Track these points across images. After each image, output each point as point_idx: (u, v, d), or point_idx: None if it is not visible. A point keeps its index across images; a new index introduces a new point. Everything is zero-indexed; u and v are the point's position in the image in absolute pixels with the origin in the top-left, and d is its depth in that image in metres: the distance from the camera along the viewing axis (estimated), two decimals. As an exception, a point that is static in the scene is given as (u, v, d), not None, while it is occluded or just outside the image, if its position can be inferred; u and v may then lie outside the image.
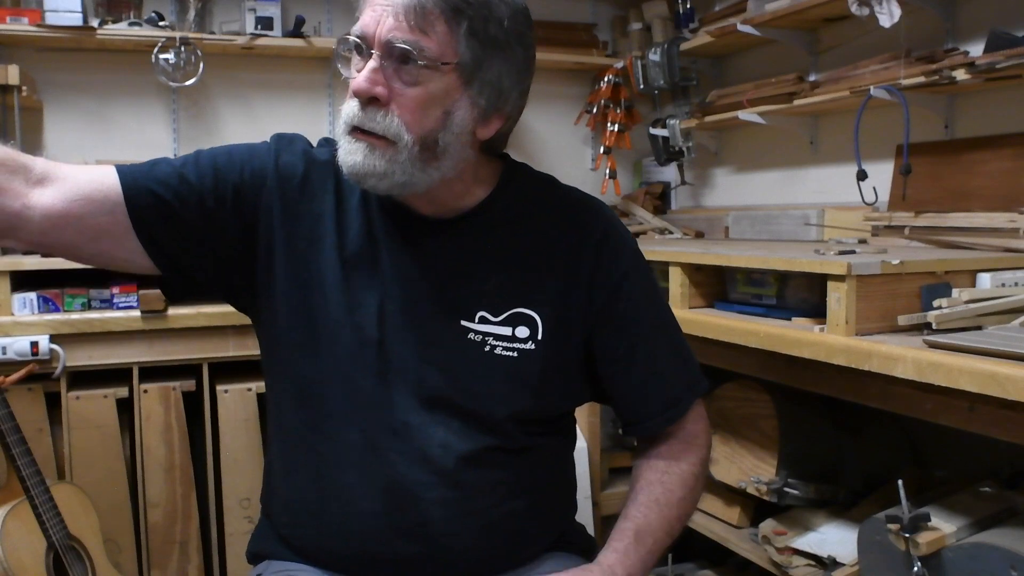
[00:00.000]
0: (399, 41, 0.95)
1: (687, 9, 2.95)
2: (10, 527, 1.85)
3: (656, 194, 3.24)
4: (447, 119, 1.00)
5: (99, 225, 1.02)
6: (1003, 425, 1.21)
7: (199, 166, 1.07)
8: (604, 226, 1.13)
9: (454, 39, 0.97)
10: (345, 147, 1.00)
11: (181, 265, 1.08)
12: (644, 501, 1.15)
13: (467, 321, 1.08)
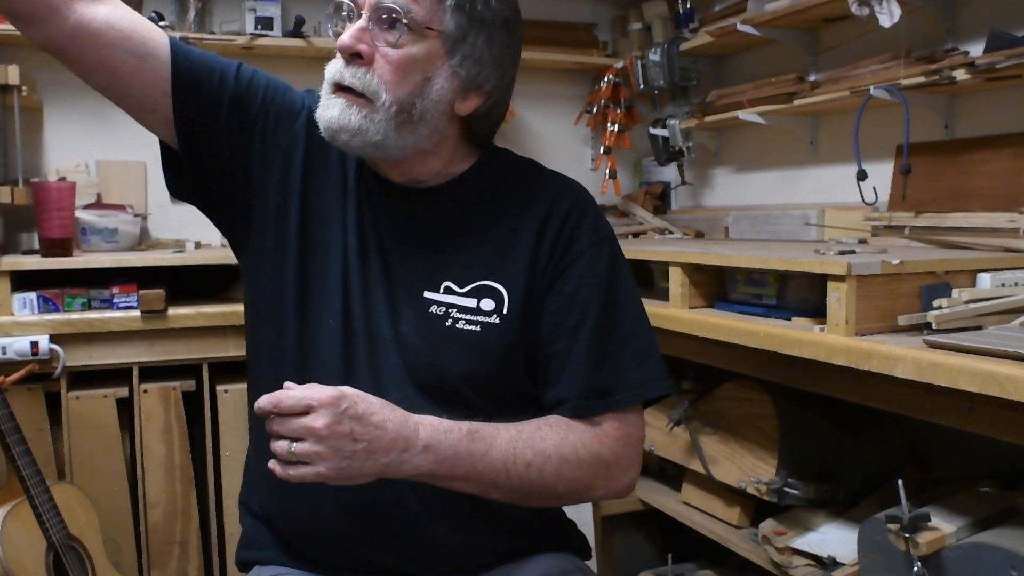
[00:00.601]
0: (388, 2, 0.98)
1: (687, 9, 2.95)
2: (10, 527, 1.85)
3: (656, 194, 3.24)
4: (426, 85, 1.01)
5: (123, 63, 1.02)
6: (1003, 425, 1.21)
7: (254, 74, 1.12)
8: (572, 206, 1.12)
9: (441, 8, 1.00)
10: (323, 102, 1.03)
11: (193, 138, 1.06)
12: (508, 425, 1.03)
13: (431, 292, 1.07)
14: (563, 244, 1.09)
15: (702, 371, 2.21)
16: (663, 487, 2.40)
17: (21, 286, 2.20)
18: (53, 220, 2.25)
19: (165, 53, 1.03)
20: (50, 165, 2.73)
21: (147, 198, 2.82)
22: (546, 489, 1.03)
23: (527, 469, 1.00)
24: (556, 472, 1.02)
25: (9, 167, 2.52)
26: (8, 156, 2.51)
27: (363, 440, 0.90)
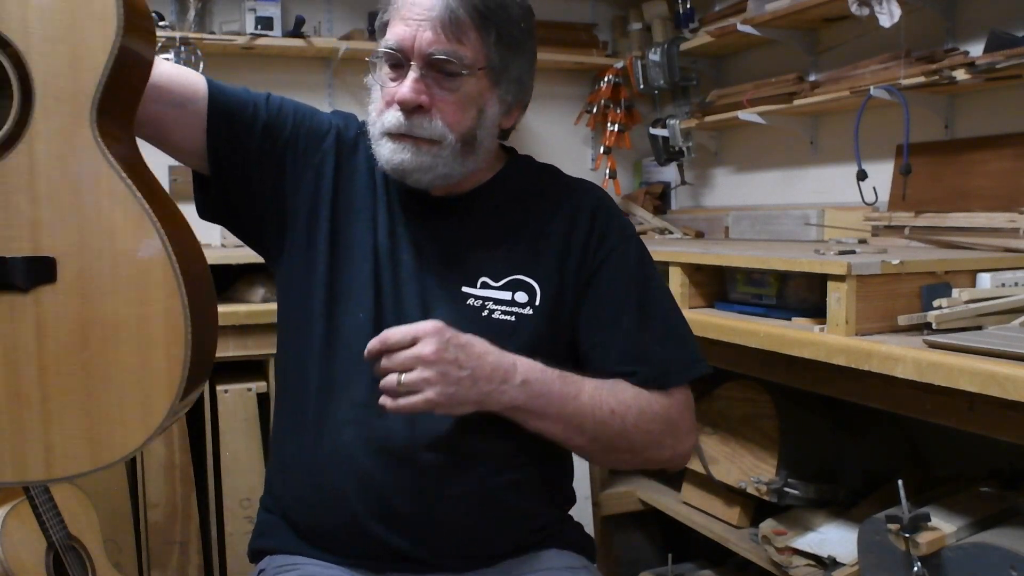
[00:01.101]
0: (440, 53, 1.04)
1: (687, 9, 2.95)
2: (10, 527, 1.85)
3: (656, 194, 3.24)
4: (481, 116, 1.09)
5: (165, 115, 1.07)
6: (1003, 425, 1.21)
7: (282, 102, 1.16)
8: (597, 204, 1.19)
9: (484, 45, 1.06)
10: (389, 147, 1.08)
11: (226, 166, 1.12)
12: (594, 379, 1.09)
13: (468, 287, 1.13)
14: (594, 244, 1.16)
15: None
16: (663, 487, 2.40)
17: (21, 286, 2.20)
18: (53, 220, 2.24)
19: (203, 94, 1.10)
20: (50, 165, 2.73)
21: (147, 198, 2.81)
22: (625, 439, 1.07)
23: (611, 416, 1.06)
24: (636, 422, 1.07)
25: (9, 167, 2.52)
26: (8, 156, 2.51)
27: (467, 367, 0.96)
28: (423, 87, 1.05)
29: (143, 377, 0.83)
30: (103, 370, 0.83)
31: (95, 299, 0.81)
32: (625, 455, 1.11)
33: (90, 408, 0.83)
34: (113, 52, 0.80)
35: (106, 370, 0.83)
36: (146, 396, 0.84)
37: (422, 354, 0.95)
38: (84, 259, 0.81)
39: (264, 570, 1.17)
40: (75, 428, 0.83)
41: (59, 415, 0.83)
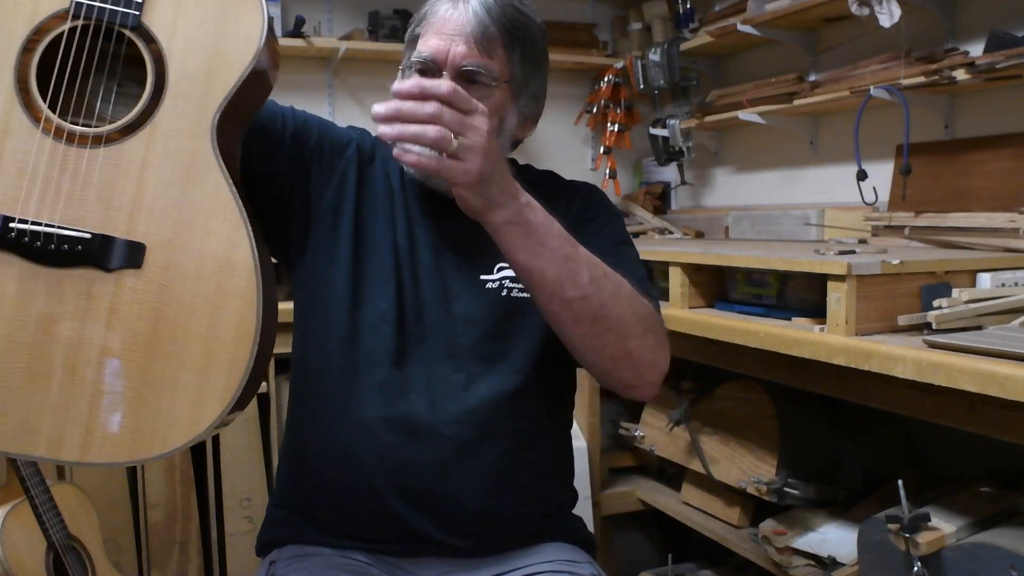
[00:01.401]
0: (471, 65, 1.12)
1: (687, 9, 2.95)
2: (10, 527, 1.85)
3: (656, 194, 3.24)
4: (501, 125, 1.17)
5: None
6: (1003, 425, 1.21)
7: (306, 115, 1.23)
8: (589, 191, 1.31)
9: (510, 61, 1.15)
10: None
11: (253, 175, 1.14)
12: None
13: (485, 275, 1.19)
14: (578, 210, 1.24)
15: (702, 371, 2.21)
16: (663, 487, 2.40)
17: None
18: (53, 220, 2.24)
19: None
20: (50, 165, 2.73)
21: (147, 198, 2.81)
22: (616, 309, 1.03)
23: (606, 278, 1.02)
24: (629, 299, 1.05)
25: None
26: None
27: (500, 165, 0.94)
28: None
29: (202, 380, 0.83)
30: (163, 365, 0.83)
31: (173, 294, 0.82)
32: (612, 333, 1.03)
33: (141, 400, 0.83)
34: (247, 70, 0.85)
35: (166, 366, 0.83)
36: (199, 400, 0.84)
37: (481, 128, 0.90)
38: (173, 253, 0.83)
39: (275, 561, 1.19)
40: (121, 417, 0.83)
41: (108, 401, 0.82)
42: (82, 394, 0.82)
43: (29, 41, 0.84)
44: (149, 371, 0.83)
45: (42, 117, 0.83)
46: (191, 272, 0.83)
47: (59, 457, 0.83)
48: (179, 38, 0.85)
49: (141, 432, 0.83)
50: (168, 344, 0.83)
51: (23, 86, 0.84)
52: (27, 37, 0.83)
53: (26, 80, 0.84)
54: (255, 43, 0.85)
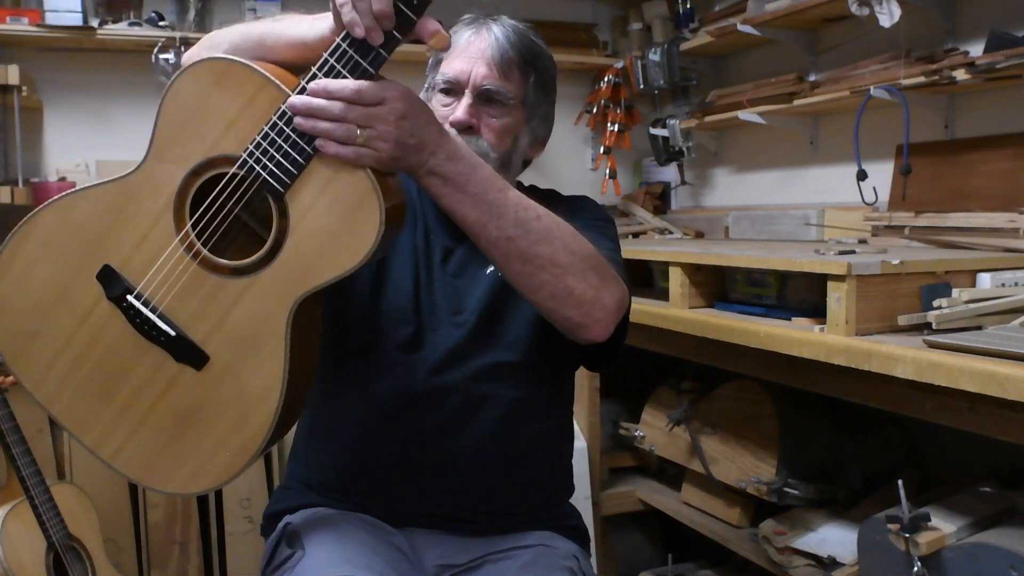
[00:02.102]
0: (490, 85, 1.26)
1: (687, 9, 2.95)
2: (10, 527, 1.85)
3: (656, 194, 3.24)
4: (515, 143, 1.31)
5: None
6: (1003, 425, 1.21)
7: None
8: (583, 199, 1.41)
9: (524, 85, 1.31)
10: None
11: None
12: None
13: (491, 267, 1.27)
14: (566, 210, 1.22)
15: (702, 371, 2.21)
16: (663, 487, 2.40)
17: (21, 286, 2.20)
18: (53, 220, 2.25)
19: None
20: (50, 165, 2.73)
21: (147, 198, 2.82)
22: (547, 249, 1.07)
23: (536, 220, 1.07)
24: (562, 237, 1.08)
25: (9, 167, 2.52)
26: (8, 156, 2.52)
27: (416, 136, 1.00)
28: (474, 111, 1.25)
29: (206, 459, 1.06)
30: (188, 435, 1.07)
31: (214, 399, 1.05)
32: (546, 272, 1.07)
33: (160, 450, 1.08)
34: (346, 272, 1.00)
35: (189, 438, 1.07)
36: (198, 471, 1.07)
37: (388, 118, 0.97)
38: (226, 374, 1.04)
39: (291, 522, 1.25)
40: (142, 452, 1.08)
41: (141, 436, 1.08)
42: (128, 423, 1.08)
43: (199, 167, 1.02)
44: (176, 434, 1.06)
45: (184, 229, 1.03)
46: (231, 393, 1.05)
47: (97, 451, 1.09)
48: (305, 223, 1.00)
49: (152, 468, 1.08)
50: (197, 425, 1.06)
51: (180, 199, 1.04)
52: (198, 164, 1.02)
53: (184, 196, 1.03)
54: (357, 258, 0.99)
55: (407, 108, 0.98)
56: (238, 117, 1.00)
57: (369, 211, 0.98)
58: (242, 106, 1.00)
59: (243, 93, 1.00)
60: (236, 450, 1.05)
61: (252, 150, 0.99)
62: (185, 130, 1.03)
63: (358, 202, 0.98)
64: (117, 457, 1.08)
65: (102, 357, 1.07)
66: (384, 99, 0.97)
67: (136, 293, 1.05)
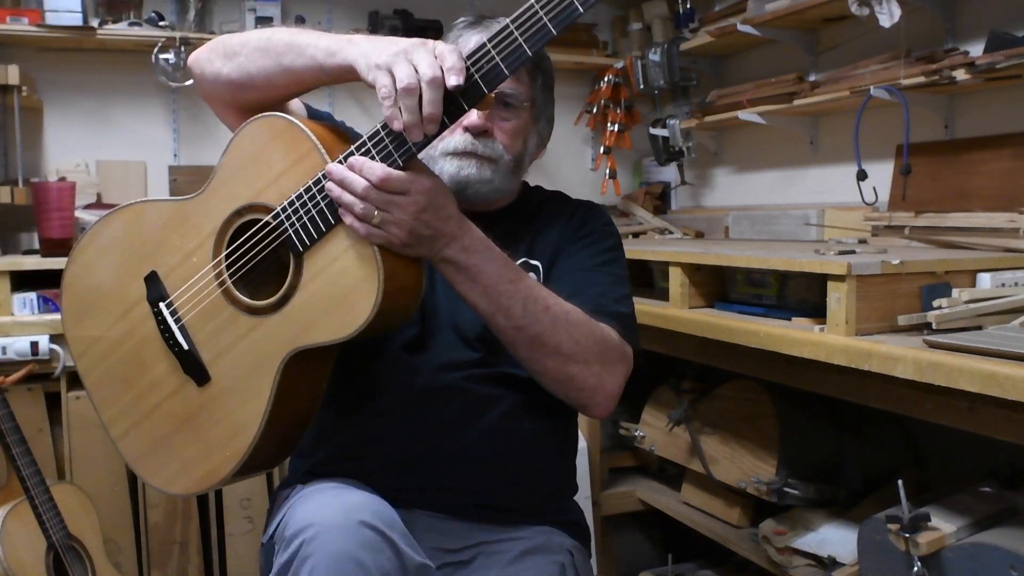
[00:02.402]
0: (504, 88, 1.24)
1: (687, 9, 2.95)
2: (10, 527, 1.85)
3: (656, 194, 3.24)
4: (525, 144, 1.35)
5: None
6: (1003, 425, 1.21)
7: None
8: (590, 206, 1.42)
9: (533, 88, 1.35)
10: (456, 163, 1.27)
11: None
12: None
13: None
14: (576, 223, 1.36)
15: (702, 371, 2.21)
16: (663, 487, 2.40)
17: (21, 286, 2.20)
18: (53, 220, 2.25)
19: None
20: (50, 165, 2.73)
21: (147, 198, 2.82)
22: (553, 339, 1.14)
23: (544, 312, 1.13)
24: (567, 327, 1.15)
25: (9, 167, 2.52)
26: (8, 156, 2.51)
27: (432, 228, 1.06)
28: (488, 115, 1.27)
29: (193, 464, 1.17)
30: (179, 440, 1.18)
31: (206, 414, 1.16)
32: (550, 359, 1.15)
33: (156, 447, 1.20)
34: (338, 339, 1.06)
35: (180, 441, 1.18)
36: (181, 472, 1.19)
37: (407, 210, 1.03)
38: (221, 395, 1.15)
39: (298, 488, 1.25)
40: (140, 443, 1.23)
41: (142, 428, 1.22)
42: (136, 412, 1.22)
43: (242, 208, 1.13)
44: (169, 435, 1.18)
45: (218, 259, 1.14)
46: (220, 416, 1.15)
47: (109, 428, 1.24)
48: (314, 285, 1.08)
49: (143, 458, 1.22)
50: (187, 434, 1.17)
51: (221, 232, 1.15)
52: (242, 206, 1.13)
53: (225, 230, 1.14)
54: (348, 330, 1.05)
55: (429, 202, 1.04)
56: (284, 173, 1.10)
57: (368, 290, 1.04)
58: (289, 164, 1.09)
59: (293, 153, 1.09)
60: (209, 468, 1.15)
61: (286, 206, 1.08)
62: (239, 174, 1.13)
63: (361, 278, 1.04)
64: (122, 439, 1.23)
65: (131, 348, 1.21)
66: (408, 191, 1.03)
67: (168, 302, 1.18)
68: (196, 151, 2.90)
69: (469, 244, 1.09)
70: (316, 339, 1.07)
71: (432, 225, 1.05)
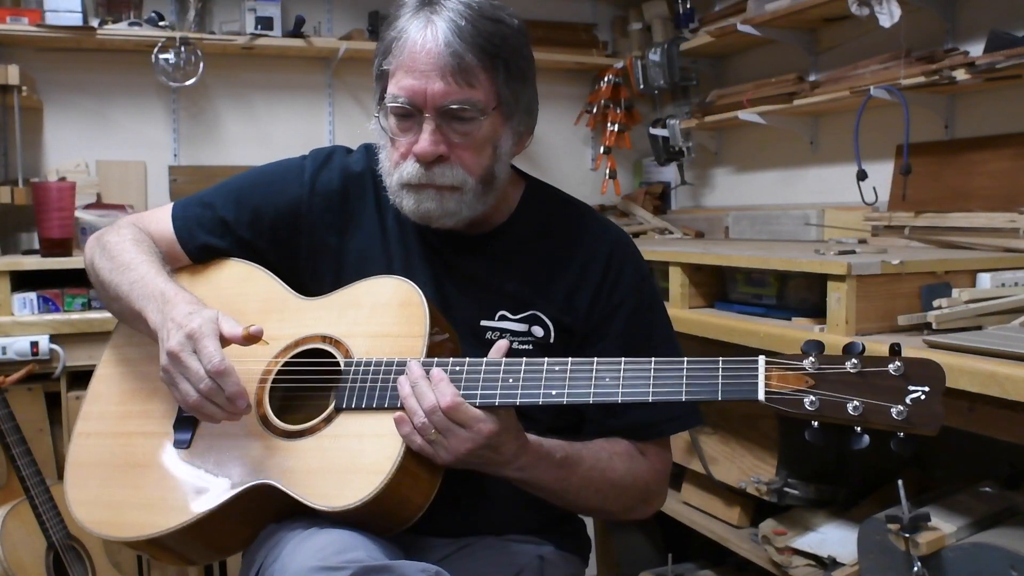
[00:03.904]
0: (454, 103, 1.05)
1: (687, 9, 2.95)
2: (10, 527, 1.85)
3: (656, 194, 3.24)
4: (495, 152, 1.11)
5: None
6: (1003, 425, 1.21)
7: (239, 206, 1.23)
8: (612, 248, 1.21)
9: (494, 84, 1.08)
10: (413, 197, 1.11)
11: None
12: (595, 448, 1.14)
13: (487, 320, 1.17)
14: (607, 290, 1.18)
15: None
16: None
17: (21, 286, 2.20)
18: (53, 220, 2.25)
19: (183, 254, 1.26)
20: (50, 165, 2.73)
21: (147, 198, 2.82)
22: (599, 510, 1.19)
23: (594, 494, 1.13)
24: (616, 498, 1.15)
25: (9, 167, 2.52)
26: (8, 156, 2.51)
27: (482, 460, 1.01)
28: (440, 137, 1.06)
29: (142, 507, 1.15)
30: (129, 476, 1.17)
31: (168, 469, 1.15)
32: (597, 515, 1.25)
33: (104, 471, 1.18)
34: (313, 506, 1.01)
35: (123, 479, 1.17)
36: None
37: (464, 442, 0.98)
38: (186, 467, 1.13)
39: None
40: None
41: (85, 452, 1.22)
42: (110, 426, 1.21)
43: (329, 337, 1.12)
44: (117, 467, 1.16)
45: (278, 361, 1.13)
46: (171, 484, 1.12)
47: (78, 422, 1.22)
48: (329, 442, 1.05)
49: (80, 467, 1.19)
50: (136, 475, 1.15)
51: (295, 343, 1.14)
52: (331, 335, 1.12)
53: (300, 344, 1.13)
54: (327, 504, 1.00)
55: (488, 443, 0.98)
56: (382, 335, 1.09)
57: (369, 479, 1.00)
58: (394, 332, 1.09)
59: (402, 324, 1.08)
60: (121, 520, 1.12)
61: (358, 362, 1.07)
62: (353, 310, 1.13)
63: (370, 464, 1.01)
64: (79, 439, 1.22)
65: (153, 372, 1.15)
66: (470, 427, 0.98)
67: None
68: (196, 151, 2.90)
69: (525, 464, 1.04)
70: (297, 492, 1.02)
71: (484, 457, 1.00)
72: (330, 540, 0.99)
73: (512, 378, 1.00)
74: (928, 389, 0.87)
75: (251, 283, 1.21)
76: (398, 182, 1.11)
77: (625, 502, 1.17)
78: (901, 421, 0.87)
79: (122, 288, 1.16)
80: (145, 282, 1.14)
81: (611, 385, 0.97)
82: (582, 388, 0.98)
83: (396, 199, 1.13)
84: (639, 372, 0.97)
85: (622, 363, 0.98)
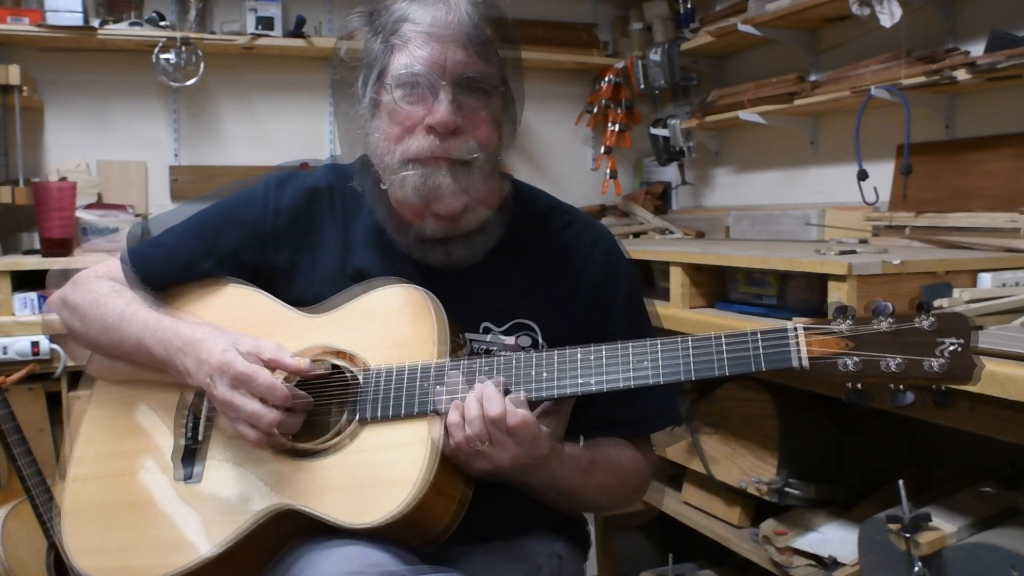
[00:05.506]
0: (473, 72, 1.03)
1: (687, 9, 2.95)
2: (11, 527, 1.85)
3: (656, 194, 3.24)
4: (500, 132, 1.10)
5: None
6: (1003, 425, 1.21)
7: (203, 238, 1.18)
8: (605, 252, 1.20)
9: (502, 66, 1.08)
10: (419, 172, 1.05)
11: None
12: (606, 452, 1.15)
13: (471, 333, 1.13)
14: (606, 300, 1.18)
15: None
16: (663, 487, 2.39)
17: (22, 286, 2.20)
18: (53, 220, 2.25)
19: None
20: (50, 165, 2.73)
21: (147, 198, 2.82)
22: (603, 507, 1.26)
23: (605, 495, 1.15)
24: (622, 496, 1.19)
25: (9, 167, 2.52)
26: (8, 156, 2.52)
27: (529, 462, 0.99)
28: (457, 107, 1.03)
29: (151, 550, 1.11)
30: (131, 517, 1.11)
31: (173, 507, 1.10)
32: (597, 512, 1.28)
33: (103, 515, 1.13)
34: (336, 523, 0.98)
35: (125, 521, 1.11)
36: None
37: (510, 450, 0.97)
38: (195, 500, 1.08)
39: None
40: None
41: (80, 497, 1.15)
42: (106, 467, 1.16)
43: (341, 351, 1.08)
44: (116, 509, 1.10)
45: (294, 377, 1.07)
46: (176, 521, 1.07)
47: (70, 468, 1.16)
48: (356, 457, 1.01)
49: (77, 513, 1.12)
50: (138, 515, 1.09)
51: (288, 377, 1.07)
52: (341, 349, 1.08)
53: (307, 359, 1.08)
54: (352, 521, 0.97)
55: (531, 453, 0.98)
56: (398, 343, 1.06)
57: (394, 496, 0.96)
58: (410, 338, 1.06)
59: (417, 330, 1.06)
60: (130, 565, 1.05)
61: (377, 372, 1.04)
62: (365, 322, 1.09)
63: (401, 475, 0.98)
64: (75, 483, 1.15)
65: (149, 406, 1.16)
66: (517, 433, 0.97)
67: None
68: (196, 151, 2.91)
69: (554, 470, 1.03)
70: (317, 510, 0.99)
71: (530, 459, 0.99)
72: (356, 548, 0.97)
73: (546, 371, 1.00)
74: (962, 340, 0.88)
75: (249, 306, 1.16)
76: (402, 158, 1.06)
77: (631, 500, 1.22)
78: (941, 374, 0.89)
79: (109, 320, 1.13)
80: (138, 317, 1.10)
81: (651, 367, 0.97)
82: (621, 372, 0.98)
83: (394, 179, 1.07)
84: (672, 351, 0.97)
85: (659, 343, 0.98)
